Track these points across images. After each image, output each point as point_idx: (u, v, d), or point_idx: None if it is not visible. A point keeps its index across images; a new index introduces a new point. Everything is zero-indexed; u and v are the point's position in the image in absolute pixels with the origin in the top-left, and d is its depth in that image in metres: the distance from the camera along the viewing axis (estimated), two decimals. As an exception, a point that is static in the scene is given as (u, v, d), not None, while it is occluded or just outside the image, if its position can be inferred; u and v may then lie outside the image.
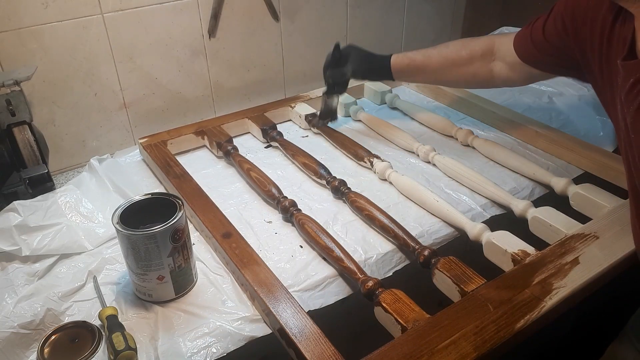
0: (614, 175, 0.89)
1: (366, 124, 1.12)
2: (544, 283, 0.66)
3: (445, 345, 0.58)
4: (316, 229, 0.78)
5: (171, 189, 0.89)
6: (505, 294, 0.64)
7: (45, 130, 0.96)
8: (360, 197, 0.84)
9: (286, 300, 0.65)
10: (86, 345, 0.62)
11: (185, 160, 0.99)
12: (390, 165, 0.94)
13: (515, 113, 1.08)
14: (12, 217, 0.77)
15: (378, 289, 0.66)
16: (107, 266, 0.76)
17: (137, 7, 0.98)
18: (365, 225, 0.83)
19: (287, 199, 0.85)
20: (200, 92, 1.14)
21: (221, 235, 0.76)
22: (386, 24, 1.36)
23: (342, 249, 0.74)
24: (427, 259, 0.71)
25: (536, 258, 0.70)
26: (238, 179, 0.96)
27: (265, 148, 1.06)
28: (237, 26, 1.12)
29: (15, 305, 0.66)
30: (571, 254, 0.70)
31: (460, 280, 0.67)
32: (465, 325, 0.60)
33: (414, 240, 0.75)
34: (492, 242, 0.73)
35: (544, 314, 0.62)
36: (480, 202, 0.86)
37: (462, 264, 0.70)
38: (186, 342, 0.64)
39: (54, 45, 0.93)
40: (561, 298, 0.63)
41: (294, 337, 0.60)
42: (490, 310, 0.62)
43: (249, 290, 0.69)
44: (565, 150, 0.97)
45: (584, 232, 0.74)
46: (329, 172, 0.92)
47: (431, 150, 0.98)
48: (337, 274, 0.74)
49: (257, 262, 0.71)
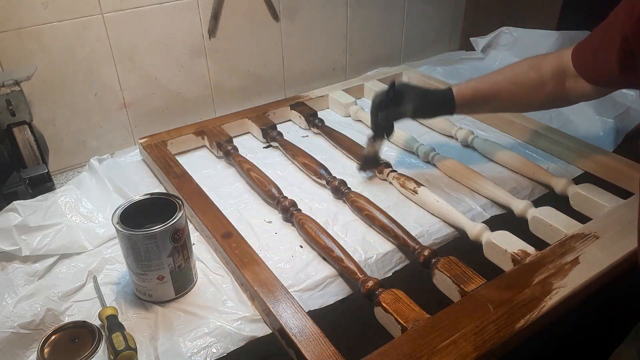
0: (614, 176, 0.89)
1: (366, 124, 1.12)
2: (544, 283, 0.66)
3: (446, 345, 0.58)
4: (316, 229, 0.78)
5: (171, 189, 0.89)
6: (506, 294, 0.64)
7: (45, 130, 0.96)
8: (360, 197, 0.84)
9: (286, 300, 0.65)
10: (86, 345, 0.62)
11: (185, 160, 0.99)
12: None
13: (515, 113, 1.08)
14: (12, 217, 0.77)
15: (378, 289, 0.66)
16: (107, 266, 0.76)
17: (137, 7, 0.98)
18: (365, 225, 0.83)
19: (287, 199, 0.85)
20: (200, 92, 1.14)
21: (221, 235, 0.76)
22: (386, 24, 1.36)
23: (342, 249, 0.74)
24: (427, 259, 0.71)
25: (536, 258, 0.70)
26: (238, 179, 0.96)
27: (264, 148, 1.06)
28: (237, 26, 1.12)
29: (15, 305, 0.66)
30: (571, 254, 0.70)
31: (461, 280, 0.67)
32: (466, 325, 0.60)
33: (414, 240, 0.75)
34: (492, 242, 0.73)
35: (544, 313, 0.62)
36: (480, 202, 0.86)
37: (462, 264, 0.70)
38: (186, 342, 0.64)
39: (53, 45, 0.93)
40: (561, 298, 0.64)
41: (294, 337, 0.60)
42: (491, 310, 0.62)
43: (249, 290, 0.69)
44: (565, 150, 0.97)
45: (584, 232, 0.74)
46: (329, 172, 0.92)
47: (431, 150, 0.98)
48: (337, 274, 0.74)
49: (257, 262, 0.71)
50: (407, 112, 0.86)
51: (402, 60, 1.45)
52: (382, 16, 1.34)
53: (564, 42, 1.31)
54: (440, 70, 1.37)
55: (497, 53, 1.41)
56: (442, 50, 1.53)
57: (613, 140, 1.02)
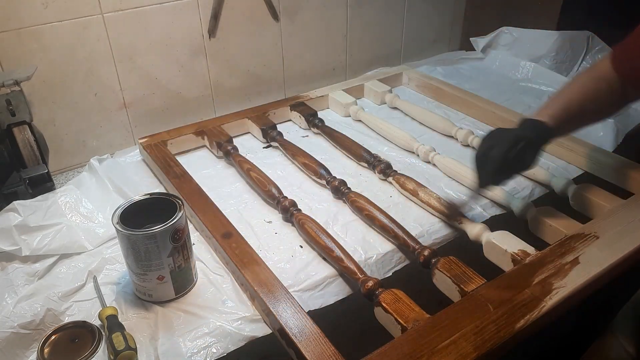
0: (614, 176, 0.89)
1: (366, 124, 1.12)
2: (544, 283, 0.66)
3: (446, 345, 0.58)
4: (316, 229, 0.77)
5: (171, 189, 0.89)
6: (506, 294, 0.64)
7: (45, 130, 0.96)
8: (361, 197, 0.84)
9: (286, 300, 0.65)
10: (86, 345, 0.62)
11: (185, 160, 0.99)
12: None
13: (515, 113, 1.08)
14: (12, 217, 0.77)
15: (378, 289, 0.66)
16: (107, 266, 0.76)
17: (137, 7, 0.98)
18: (365, 226, 0.82)
19: (287, 199, 0.85)
20: (200, 92, 1.14)
21: (221, 235, 0.76)
22: (386, 24, 1.36)
23: (342, 249, 0.74)
24: (427, 259, 0.71)
25: (536, 258, 0.70)
26: (238, 179, 0.96)
27: (264, 148, 1.06)
28: (237, 26, 1.12)
29: (15, 305, 0.66)
30: (571, 254, 0.70)
31: (461, 280, 0.67)
32: (466, 325, 0.60)
33: (414, 240, 0.75)
34: (492, 242, 0.73)
35: (544, 313, 0.62)
36: (480, 202, 0.86)
37: (462, 264, 0.70)
38: (186, 342, 0.64)
39: (53, 45, 0.93)
40: (561, 298, 0.63)
41: (294, 337, 0.60)
42: (491, 310, 0.62)
43: (249, 290, 0.69)
44: (565, 150, 0.97)
45: (584, 232, 0.74)
46: (329, 172, 0.92)
47: (431, 150, 0.98)
48: (337, 274, 0.74)
49: (257, 262, 0.71)
50: (529, 167, 0.75)
51: (402, 60, 1.45)
52: (382, 16, 1.34)
53: (564, 42, 1.31)
54: (440, 70, 1.37)
55: (497, 53, 1.41)
56: (442, 50, 1.53)
57: (613, 140, 1.02)
